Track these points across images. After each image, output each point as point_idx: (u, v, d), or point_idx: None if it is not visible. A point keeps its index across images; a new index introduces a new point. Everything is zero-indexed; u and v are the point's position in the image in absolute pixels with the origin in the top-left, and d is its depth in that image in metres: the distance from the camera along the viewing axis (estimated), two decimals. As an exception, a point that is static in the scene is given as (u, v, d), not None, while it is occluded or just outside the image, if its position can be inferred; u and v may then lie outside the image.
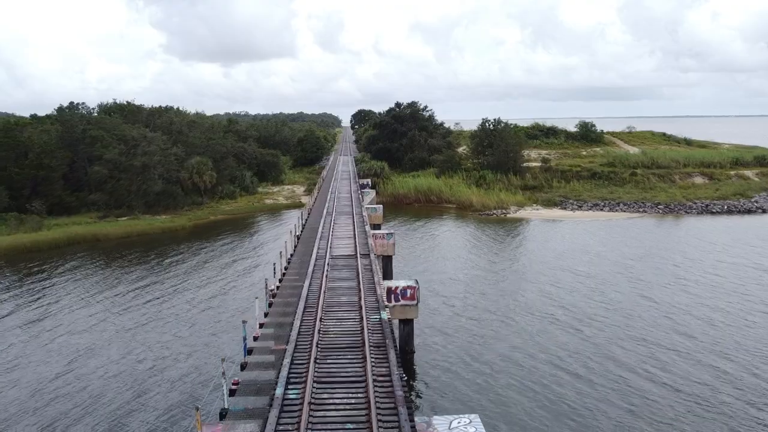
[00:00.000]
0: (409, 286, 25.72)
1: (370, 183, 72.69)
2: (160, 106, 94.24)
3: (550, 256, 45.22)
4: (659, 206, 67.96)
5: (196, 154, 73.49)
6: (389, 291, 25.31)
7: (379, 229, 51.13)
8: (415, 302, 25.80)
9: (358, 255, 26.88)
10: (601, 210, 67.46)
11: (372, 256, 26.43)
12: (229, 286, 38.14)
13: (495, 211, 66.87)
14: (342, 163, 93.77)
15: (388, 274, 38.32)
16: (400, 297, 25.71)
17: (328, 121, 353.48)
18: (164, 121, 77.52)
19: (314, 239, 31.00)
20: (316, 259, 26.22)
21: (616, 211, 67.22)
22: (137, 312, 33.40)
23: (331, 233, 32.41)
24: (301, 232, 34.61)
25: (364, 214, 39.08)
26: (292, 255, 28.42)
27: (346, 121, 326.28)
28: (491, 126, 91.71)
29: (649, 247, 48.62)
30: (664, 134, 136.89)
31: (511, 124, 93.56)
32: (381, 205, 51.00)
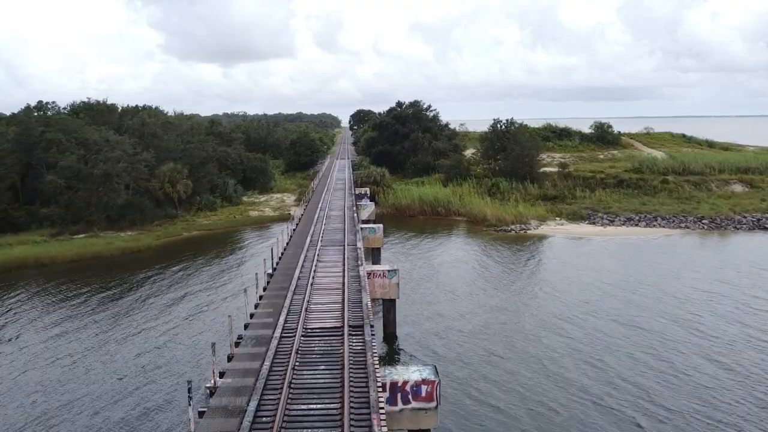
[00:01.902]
0: (424, 380, 16.60)
1: (368, 193, 63.66)
2: (136, 106, 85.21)
3: (586, 294, 36.09)
4: (703, 221, 58.71)
5: (170, 160, 64.37)
6: (394, 387, 16.25)
7: (379, 253, 42.23)
8: (433, 404, 16.66)
9: (346, 328, 17.71)
10: (636, 225, 58.23)
11: (367, 332, 17.26)
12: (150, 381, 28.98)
13: (513, 227, 57.66)
14: (338, 169, 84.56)
15: (390, 325, 29.31)
16: (410, 397, 16.62)
17: (328, 122, 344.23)
18: (136, 122, 68.33)
19: (286, 291, 21.86)
20: (281, 337, 17.07)
21: (654, 226, 58.01)
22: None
23: (310, 281, 23.22)
24: (271, 275, 25.40)
25: (359, 245, 29.90)
26: (246, 325, 19.24)
27: (346, 122, 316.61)
28: (503, 127, 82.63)
29: (708, 279, 39.42)
30: (684, 135, 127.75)
31: (525, 125, 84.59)
32: (381, 225, 41.94)
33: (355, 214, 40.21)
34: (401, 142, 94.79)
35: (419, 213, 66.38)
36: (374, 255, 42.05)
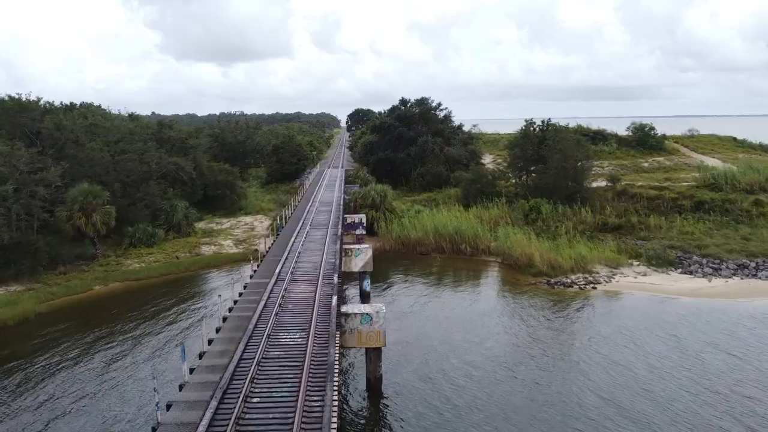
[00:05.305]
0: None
1: (364, 222, 45.52)
2: (71, 103, 67.21)
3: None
4: None
5: (92, 178, 46.57)
6: None
7: (379, 359, 24.36)
8: None
9: None
10: (755, 276, 39.99)
11: None
12: None
13: (573, 278, 39.65)
14: (326, 184, 66.30)
15: None
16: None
17: (326, 122, 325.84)
18: (48, 125, 50.28)
19: None
20: None
21: (779, 278, 39.80)
22: None
23: None
24: None
25: (330, 418, 11.81)
26: None
27: (345, 122, 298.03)
28: (538, 130, 64.73)
29: None
30: (734, 139, 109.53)
31: (568, 127, 66.53)
32: (383, 308, 23.88)
33: (335, 299, 22.15)
34: (406, 148, 77.02)
35: (434, 250, 48.40)
36: (370, 362, 24.06)
